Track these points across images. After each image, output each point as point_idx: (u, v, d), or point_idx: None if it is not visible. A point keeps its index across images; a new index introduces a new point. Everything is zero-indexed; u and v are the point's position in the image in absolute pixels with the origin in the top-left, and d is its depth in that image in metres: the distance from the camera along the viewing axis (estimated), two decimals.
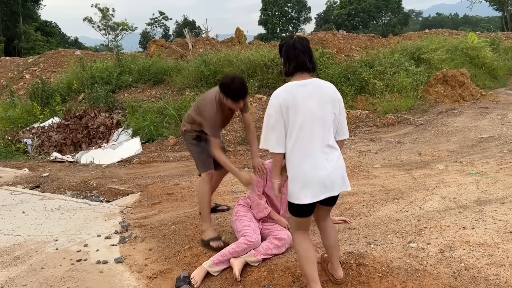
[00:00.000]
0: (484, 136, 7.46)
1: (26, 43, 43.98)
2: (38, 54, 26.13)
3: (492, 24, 60.89)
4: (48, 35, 48.84)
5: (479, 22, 76.33)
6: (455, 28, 47.45)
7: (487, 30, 36.29)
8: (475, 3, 54.01)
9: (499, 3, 52.66)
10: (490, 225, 3.58)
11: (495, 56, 15.75)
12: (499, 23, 56.48)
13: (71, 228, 4.44)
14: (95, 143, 9.78)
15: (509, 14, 50.83)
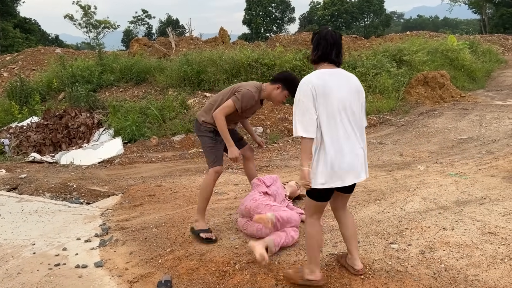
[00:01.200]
0: (463, 137, 7.60)
1: (4, 40, 42.97)
2: (16, 51, 25.58)
3: (471, 27, 62.16)
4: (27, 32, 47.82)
5: (458, 25, 77.85)
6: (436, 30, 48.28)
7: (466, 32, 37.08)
8: (455, 6, 55.20)
9: (477, 6, 53.87)
10: (469, 225, 3.64)
11: (473, 59, 16.09)
12: (477, 26, 57.74)
13: (49, 231, 4.34)
14: (76, 143, 9.61)
15: (487, 18, 52.02)
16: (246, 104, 3.72)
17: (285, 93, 3.75)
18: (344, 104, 2.64)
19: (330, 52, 2.71)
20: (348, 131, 2.66)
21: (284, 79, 3.74)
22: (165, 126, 9.32)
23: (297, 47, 14.28)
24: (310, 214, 2.84)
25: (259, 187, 3.94)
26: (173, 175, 6.45)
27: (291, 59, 11.61)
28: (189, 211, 4.56)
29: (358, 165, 2.69)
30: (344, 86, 2.67)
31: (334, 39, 2.72)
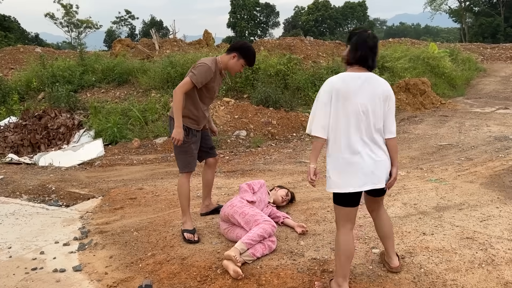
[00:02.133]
0: (443, 143, 7.74)
1: None
2: None
3: (451, 35, 63.51)
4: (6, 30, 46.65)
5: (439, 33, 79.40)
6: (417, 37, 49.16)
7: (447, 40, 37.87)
8: (436, 15, 56.39)
9: (458, 15, 55.13)
10: (448, 231, 3.70)
11: (453, 66, 16.42)
12: (457, 34, 59.02)
13: (26, 234, 4.23)
14: (55, 145, 9.42)
15: (467, 27, 53.24)
16: (204, 77, 3.66)
17: (241, 61, 3.77)
18: (364, 109, 2.62)
19: (368, 56, 2.68)
20: (364, 137, 2.65)
21: (240, 48, 3.76)
22: (147, 128, 9.23)
23: (281, 52, 14.35)
24: (342, 224, 2.76)
25: (246, 193, 3.92)
26: (154, 178, 6.38)
27: (275, 63, 11.66)
28: (171, 214, 4.51)
29: (377, 171, 2.66)
30: (366, 91, 2.64)
31: (373, 43, 2.70)
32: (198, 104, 3.80)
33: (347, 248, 2.73)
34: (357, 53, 2.68)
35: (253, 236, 3.30)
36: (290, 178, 5.85)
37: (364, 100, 2.63)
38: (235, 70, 3.85)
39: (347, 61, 2.76)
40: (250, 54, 3.77)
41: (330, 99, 2.64)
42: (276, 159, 7.35)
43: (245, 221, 3.51)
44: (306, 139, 8.98)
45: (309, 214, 4.27)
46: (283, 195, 4.40)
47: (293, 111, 10.44)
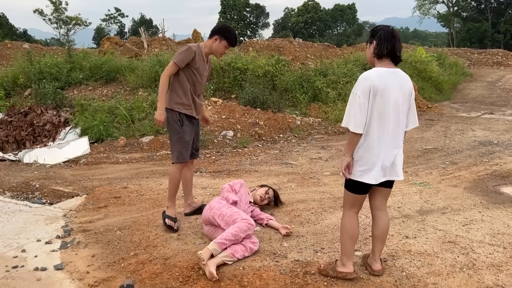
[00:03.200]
0: (429, 147, 7.82)
1: None
2: None
3: (440, 40, 64.30)
4: None
5: (427, 37, 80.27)
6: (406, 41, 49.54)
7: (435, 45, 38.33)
8: (425, 19, 56.98)
9: (446, 20, 55.82)
10: (431, 234, 3.74)
11: (441, 71, 16.61)
12: (445, 38, 59.78)
13: (8, 232, 4.17)
14: (40, 142, 9.29)
15: (455, 31, 53.95)
16: (184, 56, 3.76)
17: (223, 43, 3.88)
18: (396, 105, 2.75)
19: (397, 48, 2.76)
20: (393, 131, 2.77)
21: (219, 30, 3.89)
22: (133, 127, 9.16)
23: (270, 53, 14.37)
24: (348, 207, 2.94)
25: (229, 193, 3.92)
26: (140, 177, 6.34)
27: (263, 64, 11.66)
28: (155, 214, 4.48)
29: (397, 164, 2.82)
30: (399, 88, 2.76)
31: (399, 36, 2.80)
32: (187, 88, 3.89)
33: (351, 228, 2.91)
34: (388, 45, 2.75)
35: (227, 236, 3.30)
36: (276, 179, 5.86)
37: (397, 95, 2.74)
38: (219, 52, 3.95)
39: (378, 54, 2.80)
40: (230, 34, 3.89)
41: (368, 94, 2.70)
42: (263, 160, 7.35)
43: (225, 222, 3.50)
44: (293, 140, 9.01)
45: (293, 216, 4.28)
46: (262, 194, 4.37)
47: (280, 112, 10.45)
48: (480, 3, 52.31)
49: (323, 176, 5.98)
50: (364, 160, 2.77)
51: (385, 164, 2.77)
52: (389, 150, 2.78)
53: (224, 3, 66.39)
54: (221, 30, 3.89)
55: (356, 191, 2.87)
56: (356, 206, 2.93)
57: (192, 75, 3.89)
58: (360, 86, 2.73)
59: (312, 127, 10.09)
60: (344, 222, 2.94)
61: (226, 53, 3.97)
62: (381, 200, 3.01)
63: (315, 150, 7.91)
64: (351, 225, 2.91)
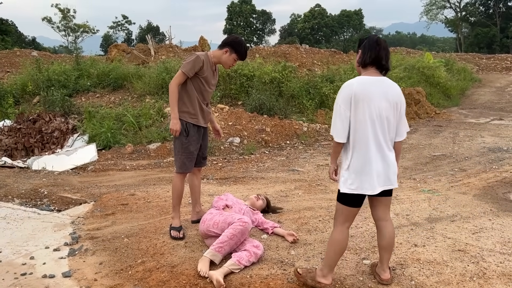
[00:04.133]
0: (437, 154, 7.77)
1: None
2: None
3: (447, 45, 63.98)
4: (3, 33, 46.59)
5: (435, 42, 80.00)
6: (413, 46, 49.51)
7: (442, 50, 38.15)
8: (432, 24, 56.88)
9: (454, 25, 55.65)
10: (440, 243, 3.69)
11: (449, 76, 16.54)
12: (453, 44, 59.53)
13: (17, 239, 4.20)
14: (49, 149, 9.37)
15: (463, 36, 53.76)
16: (193, 65, 3.77)
17: (233, 56, 3.89)
18: (380, 113, 2.71)
19: (382, 56, 2.76)
20: (379, 140, 2.73)
21: (231, 42, 3.88)
22: (141, 134, 9.21)
23: (277, 59, 14.41)
24: (341, 221, 2.87)
25: (217, 202, 3.94)
26: (147, 184, 6.35)
27: (270, 71, 11.69)
28: (162, 221, 4.48)
29: (389, 173, 2.77)
30: (383, 96, 2.72)
31: (385, 45, 2.79)
32: (193, 97, 3.90)
33: (340, 243, 2.86)
34: (371, 53, 2.76)
35: (222, 239, 3.30)
36: (282, 186, 5.84)
37: (380, 104, 2.70)
38: (228, 65, 3.96)
39: (362, 63, 2.81)
40: (241, 48, 3.90)
41: (349, 103, 2.70)
42: (269, 166, 7.34)
43: (220, 229, 3.49)
44: (300, 147, 8.99)
45: (300, 223, 4.26)
46: (254, 196, 4.41)
47: (287, 118, 10.45)
48: (489, 8, 52.13)
49: (330, 183, 5.95)
50: (354, 171, 2.74)
51: (378, 173, 2.73)
52: (378, 159, 2.73)
53: (231, 10, 66.82)
54: (233, 44, 3.88)
55: (351, 203, 2.81)
56: (349, 220, 2.88)
57: (200, 84, 3.90)
58: (342, 95, 2.73)
59: (319, 133, 10.06)
60: (334, 236, 2.88)
61: (234, 66, 3.99)
62: (383, 209, 2.98)
63: (322, 157, 7.89)
64: (342, 240, 2.85)
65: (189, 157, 3.96)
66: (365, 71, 2.81)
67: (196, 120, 3.95)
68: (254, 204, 4.32)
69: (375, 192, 2.74)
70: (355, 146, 2.73)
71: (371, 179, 2.71)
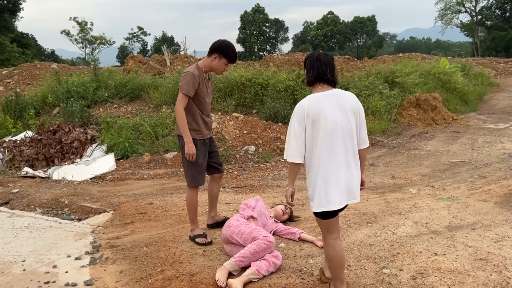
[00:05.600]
0: (456, 160, 7.66)
1: (1, 55, 42.90)
2: (13, 66, 25.53)
3: (463, 49, 63.23)
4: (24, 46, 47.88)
5: (450, 47, 79.13)
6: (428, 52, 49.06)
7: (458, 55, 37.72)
8: (447, 29, 56.27)
9: (469, 29, 54.96)
10: (461, 251, 3.65)
11: (466, 81, 16.31)
12: (470, 48, 58.78)
13: (40, 248, 4.29)
14: (68, 159, 9.55)
15: (479, 41, 53.03)
16: (192, 84, 3.80)
17: (223, 61, 3.87)
18: (338, 126, 2.68)
19: (326, 71, 2.77)
20: (341, 154, 2.69)
21: (218, 47, 3.86)
22: (157, 143, 9.32)
23: (290, 67, 14.44)
24: (326, 235, 2.87)
25: (244, 210, 3.95)
26: (164, 193, 6.42)
27: (284, 79, 11.73)
28: (180, 230, 4.53)
29: (352, 187, 2.73)
30: (338, 108, 2.70)
31: (326, 59, 2.80)
32: (195, 113, 3.97)
33: (337, 256, 2.81)
34: (314, 71, 2.78)
35: (245, 253, 3.32)
36: (299, 195, 5.84)
37: (336, 117, 2.68)
38: (220, 70, 3.96)
39: (308, 82, 2.85)
40: (229, 51, 3.88)
41: (303, 123, 2.69)
42: (285, 174, 7.35)
43: (243, 240, 3.51)
44: None
45: (317, 232, 4.25)
46: (282, 209, 4.44)
47: None
48: (505, 12, 51.42)
49: None
50: (319, 188, 2.69)
51: (342, 187, 2.68)
52: (341, 173, 2.68)
53: (244, 19, 67.34)
54: (220, 48, 3.87)
55: (326, 216, 2.77)
56: (333, 231, 2.83)
57: (199, 98, 3.95)
58: (295, 116, 2.73)
59: None
60: (328, 251, 2.86)
61: (226, 70, 4.01)
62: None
63: None
64: (336, 252, 2.81)
65: (199, 170, 4.03)
66: (314, 88, 2.83)
67: (201, 135, 4.03)
68: (280, 217, 4.35)
69: (341, 205, 2.70)
70: (316, 164, 2.70)
71: (336, 194, 2.67)
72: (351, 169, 2.72)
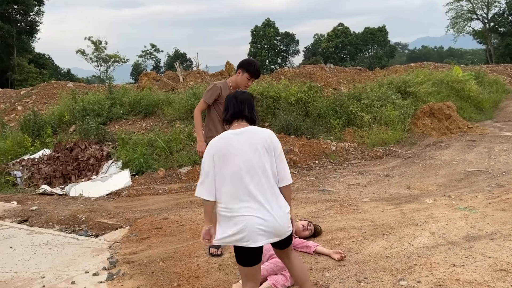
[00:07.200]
0: (472, 169, 7.56)
1: (19, 75, 44.19)
2: (31, 85, 26.20)
3: (477, 57, 62.63)
4: (41, 67, 49.19)
5: (464, 55, 78.51)
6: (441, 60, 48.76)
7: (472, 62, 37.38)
8: (460, 37, 55.89)
9: (482, 36, 54.51)
10: (480, 262, 3.59)
11: (480, 89, 16.14)
12: (483, 55, 58.24)
13: (58, 264, 4.35)
14: (85, 175, 9.69)
15: (492, 48, 52.52)
16: (211, 93, 4.27)
17: (245, 75, 4.22)
18: (249, 164, 2.62)
19: (242, 108, 2.80)
20: (251, 192, 2.60)
21: (241, 64, 4.26)
22: (172, 158, 9.41)
23: (302, 80, 14.50)
24: (244, 282, 2.75)
25: None
26: (179, 208, 6.46)
27: (296, 92, 11.79)
28: (195, 244, 4.55)
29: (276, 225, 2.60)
30: (249, 146, 2.65)
31: (242, 97, 2.85)
32: (217, 122, 4.31)
33: None
34: (231, 109, 2.82)
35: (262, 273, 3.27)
36: (313, 207, 5.82)
37: (246, 155, 2.63)
38: (243, 85, 4.29)
39: (225, 121, 2.88)
40: (251, 67, 4.24)
41: (213, 161, 2.67)
42: (299, 187, 7.34)
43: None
44: (329, 166, 8.95)
45: (333, 245, 4.23)
46: (304, 224, 4.37)
47: (315, 138, 10.45)
48: None
49: (362, 203, 5.89)
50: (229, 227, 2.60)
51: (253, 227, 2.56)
52: (258, 212, 2.57)
53: (255, 34, 68.07)
54: (243, 64, 4.25)
55: (243, 262, 2.66)
56: (251, 280, 2.70)
57: (220, 106, 4.25)
58: (205, 154, 2.72)
59: (348, 152, 9.99)
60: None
61: (250, 85, 4.34)
62: (283, 256, 2.88)
63: (353, 176, 7.82)
64: None
65: None
66: (231, 126, 2.82)
67: None
68: (299, 232, 4.31)
69: (256, 244, 2.57)
70: (225, 202, 2.63)
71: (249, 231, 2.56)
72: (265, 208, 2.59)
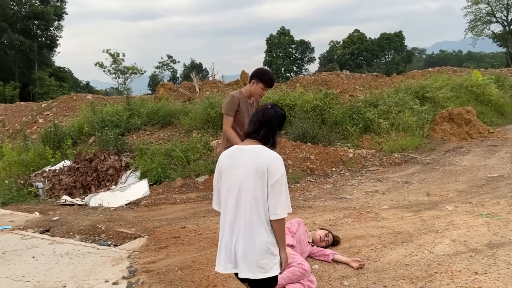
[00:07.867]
0: (494, 175, 7.41)
1: (40, 88, 45.43)
2: (51, 98, 26.79)
3: (497, 60, 61.43)
4: (61, 80, 50.47)
5: (483, 58, 77.14)
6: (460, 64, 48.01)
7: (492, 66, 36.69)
8: (479, 40, 54.92)
9: (502, 39, 53.50)
10: (503, 270, 3.51)
11: (501, 93, 15.83)
12: (503, 58, 57.12)
13: (79, 273, 4.42)
14: (104, 186, 9.85)
15: None
16: (231, 105, 4.33)
17: (260, 85, 4.27)
18: (235, 185, 2.50)
19: (258, 131, 2.60)
20: (235, 215, 2.50)
21: (255, 74, 4.31)
22: (189, 168, 9.49)
23: (317, 87, 14.49)
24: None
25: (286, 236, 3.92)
26: (197, 217, 6.50)
27: (311, 99, 11.78)
28: (213, 253, 4.55)
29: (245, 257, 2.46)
30: (242, 166, 2.50)
31: (267, 117, 2.62)
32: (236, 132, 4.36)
33: None
34: (249, 126, 2.72)
35: (280, 281, 3.25)
36: (331, 215, 5.78)
37: (239, 174, 2.50)
38: (257, 94, 4.38)
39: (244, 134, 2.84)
40: (265, 76, 4.28)
41: (218, 172, 2.67)
42: (316, 195, 7.30)
43: None
44: (346, 174, 8.88)
45: (352, 253, 4.19)
46: (322, 235, 4.31)
47: (331, 145, 10.39)
48: None
49: (381, 210, 5.82)
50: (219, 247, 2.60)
51: (230, 252, 2.49)
52: (234, 236, 2.48)
53: (270, 42, 68.39)
54: (257, 74, 4.30)
55: None
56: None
57: (238, 117, 4.39)
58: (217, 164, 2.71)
59: (366, 159, 9.91)
60: None
61: (264, 94, 4.40)
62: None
63: (371, 183, 7.74)
64: None
65: None
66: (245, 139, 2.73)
67: None
68: (317, 243, 4.27)
69: (224, 271, 2.54)
70: (221, 218, 2.63)
71: (223, 255, 2.53)
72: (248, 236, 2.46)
